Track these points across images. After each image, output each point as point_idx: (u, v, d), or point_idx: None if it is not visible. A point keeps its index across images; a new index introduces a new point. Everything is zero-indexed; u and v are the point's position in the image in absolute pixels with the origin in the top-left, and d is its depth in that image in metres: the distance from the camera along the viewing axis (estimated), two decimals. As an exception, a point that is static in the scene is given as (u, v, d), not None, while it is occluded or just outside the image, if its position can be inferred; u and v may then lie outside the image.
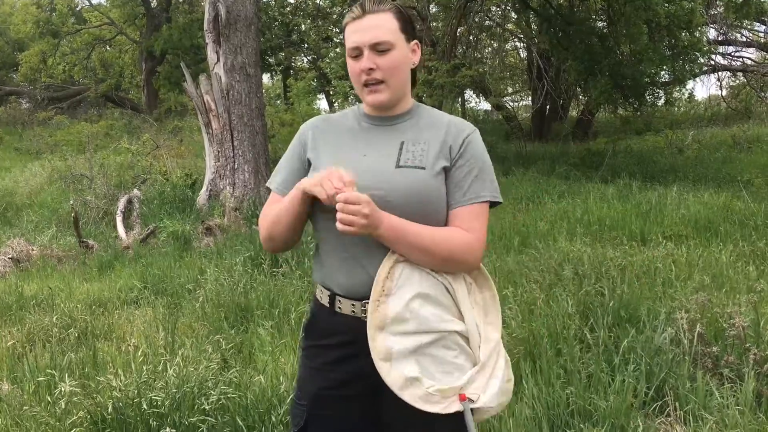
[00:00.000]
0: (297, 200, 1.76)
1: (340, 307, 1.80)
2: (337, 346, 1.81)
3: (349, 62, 1.82)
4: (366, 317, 1.74)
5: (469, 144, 1.82)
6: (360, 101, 1.92)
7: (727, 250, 5.78)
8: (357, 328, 1.76)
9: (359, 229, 1.64)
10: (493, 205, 1.84)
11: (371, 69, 1.77)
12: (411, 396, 1.69)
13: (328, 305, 1.83)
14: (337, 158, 1.80)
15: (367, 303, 1.74)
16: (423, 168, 1.77)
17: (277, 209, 1.83)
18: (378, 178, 1.75)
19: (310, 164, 1.87)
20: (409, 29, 1.84)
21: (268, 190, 1.94)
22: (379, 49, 1.77)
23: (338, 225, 1.64)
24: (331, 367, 1.82)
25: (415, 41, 1.86)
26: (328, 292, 1.83)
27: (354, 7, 1.81)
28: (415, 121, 1.87)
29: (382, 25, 1.78)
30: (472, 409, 1.71)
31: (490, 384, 1.75)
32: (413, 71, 1.90)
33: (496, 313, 1.83)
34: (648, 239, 6.42)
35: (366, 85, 1.80)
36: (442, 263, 1.75)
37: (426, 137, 1.82)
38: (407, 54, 1.84)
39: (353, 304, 1.78)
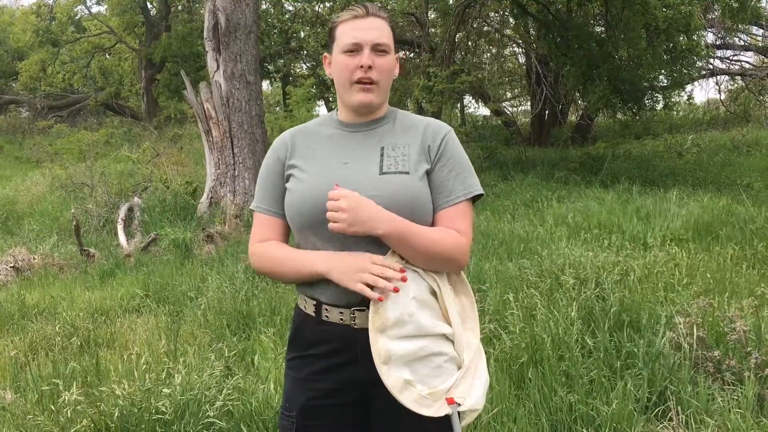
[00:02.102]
0: (308, 275, 1.78)
1: (327, 316, 1.79)
2: (324, 355, 1.80)
3: (342, 58, 1.81)
4: (356, 324, 1.75)
5: (446, 144, 1.85)
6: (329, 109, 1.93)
7: (728, 254, 5.79)
8: (345, 337, 1.76)
9: (345, 225, 1.66)
10: (475, 198, 1.87)
11: (370, 67, 1.78)
12: (408, 399, 1.69)
13: (313, 314, 1.82)
14: (318, 168, 1.81)
15: (356, 310, 1.74)
16: (407, 173, 1.78)
17: (282, 263, 1.84)
18: (363, 185, 1.75)
19: (289, 179, 1.87)
20: (394, 42, 1.88)
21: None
22: (379, 49, 1.79)
23: (330, 225, 1.67)
24: (319, 377, 1.81)
25: (397, 55, 1.90)
26: (314, 302, 1.81)
27: (356, 6, 1.82)
28: (391, 126, 1.88)
29: (383, 28, 1.81)
30: (459, 413, 1.72)
31: (474, 386, 1.76)
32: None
33: (474, 318, 1.84)
34: (648, 243, 6.43)
35: (358, 82, 1.80)
36: (437, 263, 1.77)
37: (404, 141, 1.84)
38: (395, 63, 1.87)
39: (341, 312, 1.77)
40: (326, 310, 1.79)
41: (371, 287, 1.67)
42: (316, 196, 1.75)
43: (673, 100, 16.59)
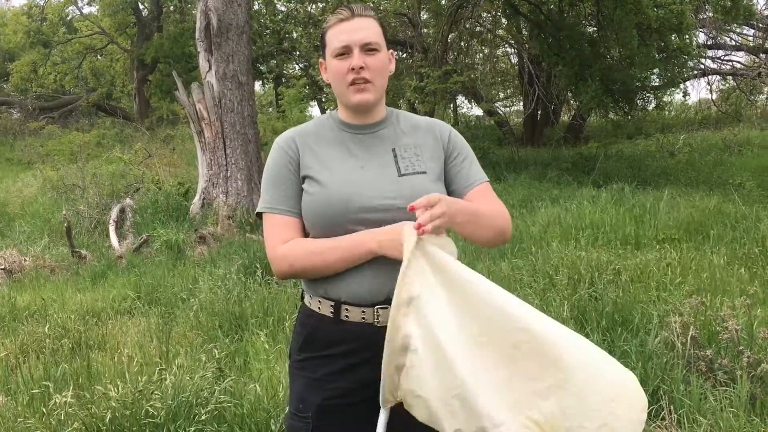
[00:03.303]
0: (364, 255, 1.72)
1: (347, 316, 1.78)
2: (342, 355, 1.79)
3: (334, 63, 1.82)
4: (379, 322, 1.73)
5: (451, 137, 1.93)
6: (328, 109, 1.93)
7: (720, 254, 5.81)
8: (365, 335, 1.75)
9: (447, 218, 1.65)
10: None
11: (362, 67, 1.78)
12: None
13: (331, 315, 1.80)
14: (336, 171, 1.81)
15: (380, 308, 1.74)
16: (424, 173, 1.82)
17: (323, 254, 1.76)
18: (385, 188, 1.78)
19: (304, 180, 1.84)
20: (385, 38, 1.88)
21: (259, 214, 1.88)
22: (369, 48, 1.80)
23: (427, 227, 1.59)
24: (337, 377, 1.80)
25: (390, 51, 1.91)
26: (331, 302, 1.80)
27: (341, 10, 1.83)
28: (395, 126, 1.91)
29: (371, 27, 1.82)
30: None
31: None
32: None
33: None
34: (641, 243, 6.44)
35: (353, 83, 1.80)
36: (497, 235, 1.87)
37: (412, 141, 1.88)
38: (388, 59, 1.88)
39: (363, 311, 1.76)
40: (346, 309, 1.78)
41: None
42: (342, 200, 1.76)
43: (665, 99, 16.66)
